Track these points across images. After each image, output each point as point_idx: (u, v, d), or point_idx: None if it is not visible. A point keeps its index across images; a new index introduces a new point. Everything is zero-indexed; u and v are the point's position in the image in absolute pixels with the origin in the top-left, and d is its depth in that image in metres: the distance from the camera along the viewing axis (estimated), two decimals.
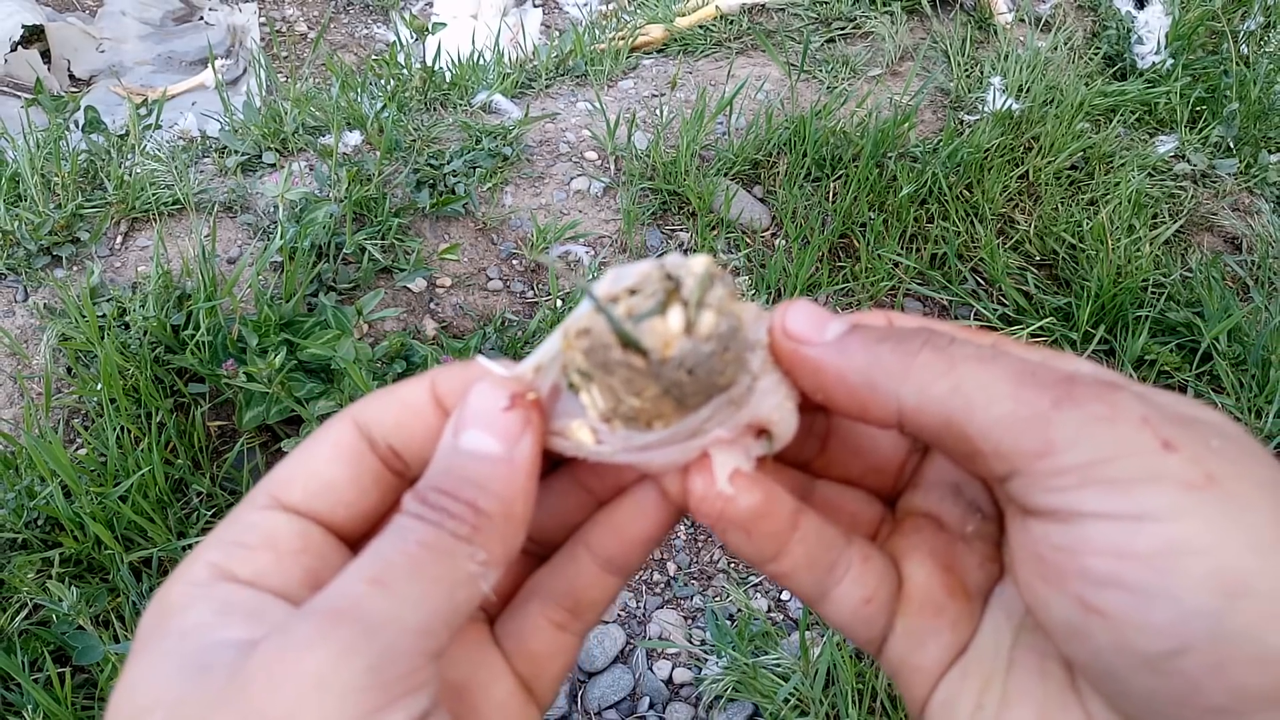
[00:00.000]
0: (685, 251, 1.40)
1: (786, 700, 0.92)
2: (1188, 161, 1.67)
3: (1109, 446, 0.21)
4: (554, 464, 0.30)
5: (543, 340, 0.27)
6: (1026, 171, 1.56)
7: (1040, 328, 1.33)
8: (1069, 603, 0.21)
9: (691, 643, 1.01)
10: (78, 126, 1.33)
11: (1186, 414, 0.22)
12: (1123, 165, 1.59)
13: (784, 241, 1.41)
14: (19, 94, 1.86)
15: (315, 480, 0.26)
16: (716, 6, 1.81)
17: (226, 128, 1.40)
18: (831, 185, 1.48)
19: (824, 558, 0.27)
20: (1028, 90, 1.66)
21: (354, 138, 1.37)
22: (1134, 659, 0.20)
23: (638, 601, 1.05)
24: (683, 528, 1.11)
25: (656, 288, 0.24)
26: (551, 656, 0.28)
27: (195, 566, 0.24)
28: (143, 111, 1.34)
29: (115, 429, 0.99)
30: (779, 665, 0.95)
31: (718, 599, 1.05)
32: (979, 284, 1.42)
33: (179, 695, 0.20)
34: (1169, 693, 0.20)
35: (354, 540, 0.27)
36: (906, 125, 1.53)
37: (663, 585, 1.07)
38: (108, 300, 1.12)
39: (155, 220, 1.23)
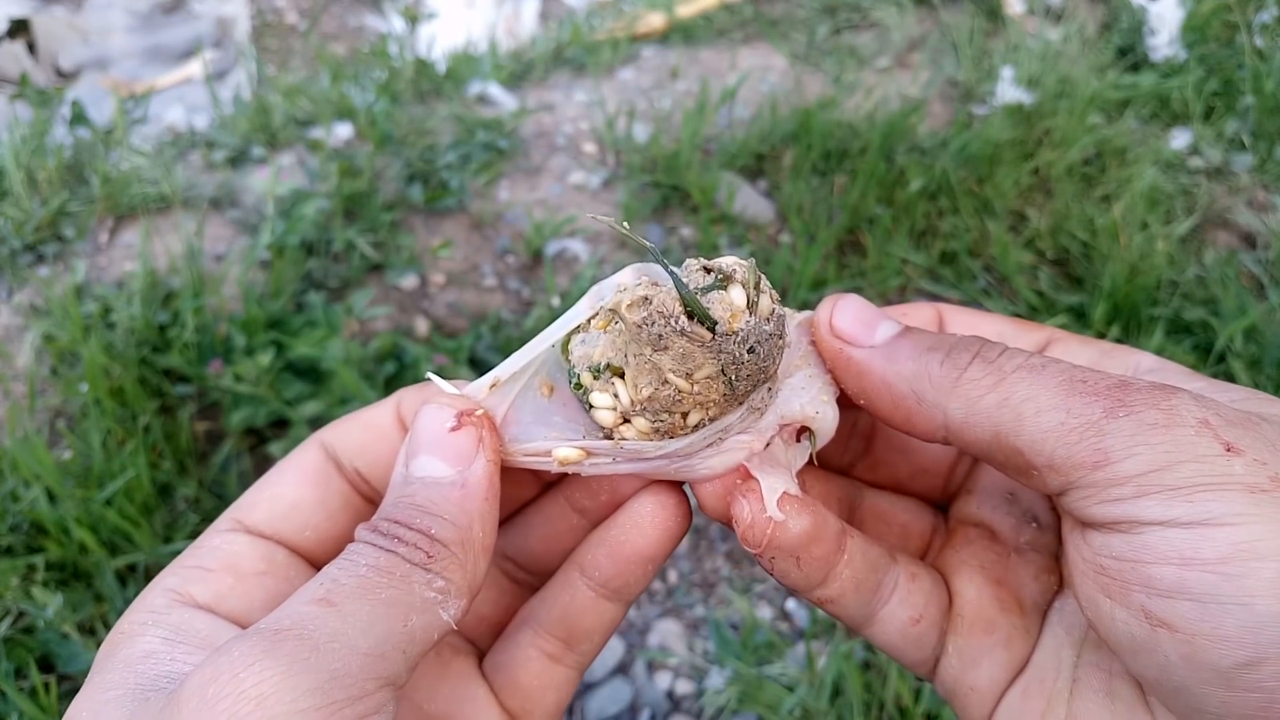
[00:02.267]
0: (686, 248, 1.37)
1: (792, 712, 0.89)
2: (1202, 156, 1.63)
3: (1167, 453, 0.20)
4: (546, 485, 0.29)
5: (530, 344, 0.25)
6: (1038, 166, 1.52)
7: (1054, 326, 1.29)
8: (1133, 616, 0.20)
9: (694, 653, 0.98)
10: (64, 120, 1.30)
11: (1254, 413, 0.21)
12: (1136, 160, 1.56)
13: (789, 237, 1.38)
14: (4, 87, 1.82)
15: (280, 502, 0.25)
16: None
17: (214, 121, 1.36)
18: (838, 179, 1.44)
19: (871, 579, 0.25)
20: (1039, 82, 1.62)
21: (344, 130, 1.34)
22: (1205, 673, 0.19)
23: (637, 610, 1.02)
24: None
25: (698, 277, 0.23)
26: (543, 690, 0.27)
27: (153, 594, 0.24)
28: (129, 105, 1.30)
29: (100, 431, 0.96)
30: (784, 676, 0.92)
31: (721, 608, 1.02)
32: (991, 281, 1.39)
33: None
34: (1244, 708, 0.19)
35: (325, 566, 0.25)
36: (915, 117, 1.49)
37: (663, 594, 1.04)
38: (93, 299, 1.10)
39: (142, 217, 1.20)
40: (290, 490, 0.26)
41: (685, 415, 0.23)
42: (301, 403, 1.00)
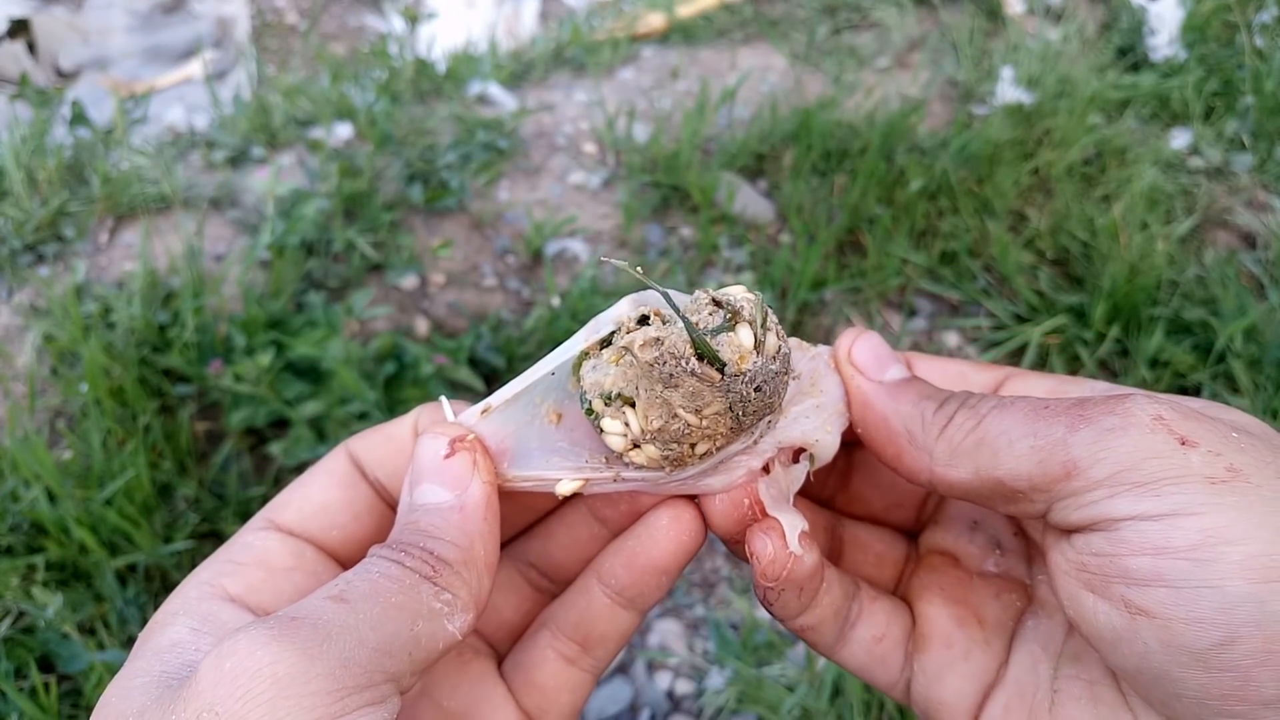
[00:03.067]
0: (686, 248, 1.37)
1: (792, 712, 0.89)
2: (1202, 156, 1.63)
3: (1129, 453, 0.21)
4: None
5: (533, 351, 0.26)
6: (1038, 166, 1.52)
7: (1054, 327, 1.29)
8: (1114, 607, 0.21)
9: (694, 653, 0.98)
10: (64, 120, 1.30)
11: (1206, 412, 0.22)
12: (1136, 160, 1.56)
13: (789, 237, 1.38)
14: (4, 87, 1.82)
15: (309, 503, 0.27)
16: None
17: (214, 121, 1.36)
18: (838, 179, 1.44)
19: (844, 606, 0.27)
20: (1039, 82, 1.62)
21: (345, 130, 1.34)
22: (1183, 656, 0.20)
23: None
24: None
25: (708, 310, 0.24)
26: (559, 690, 0.28)
27: (188, 586, 0.25)
28: (129, 105, 1.30)
29: (100, 431, 0.96)
30: (784, 676, 0.92)
31: (721, 608, 1.02)
32: (990, 282, 1.39)
33: (140, 707, 0.21)
34: (1220, 689, 0.20)
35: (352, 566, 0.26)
36: (915, 117, 1.49)
37: None
38: (93, 299, 1.10)
39: (142, 217, 1.20)
40: (319, 492, 0.27)
41: (693, 446, 0.24)
42: (301, 403, 1.00)
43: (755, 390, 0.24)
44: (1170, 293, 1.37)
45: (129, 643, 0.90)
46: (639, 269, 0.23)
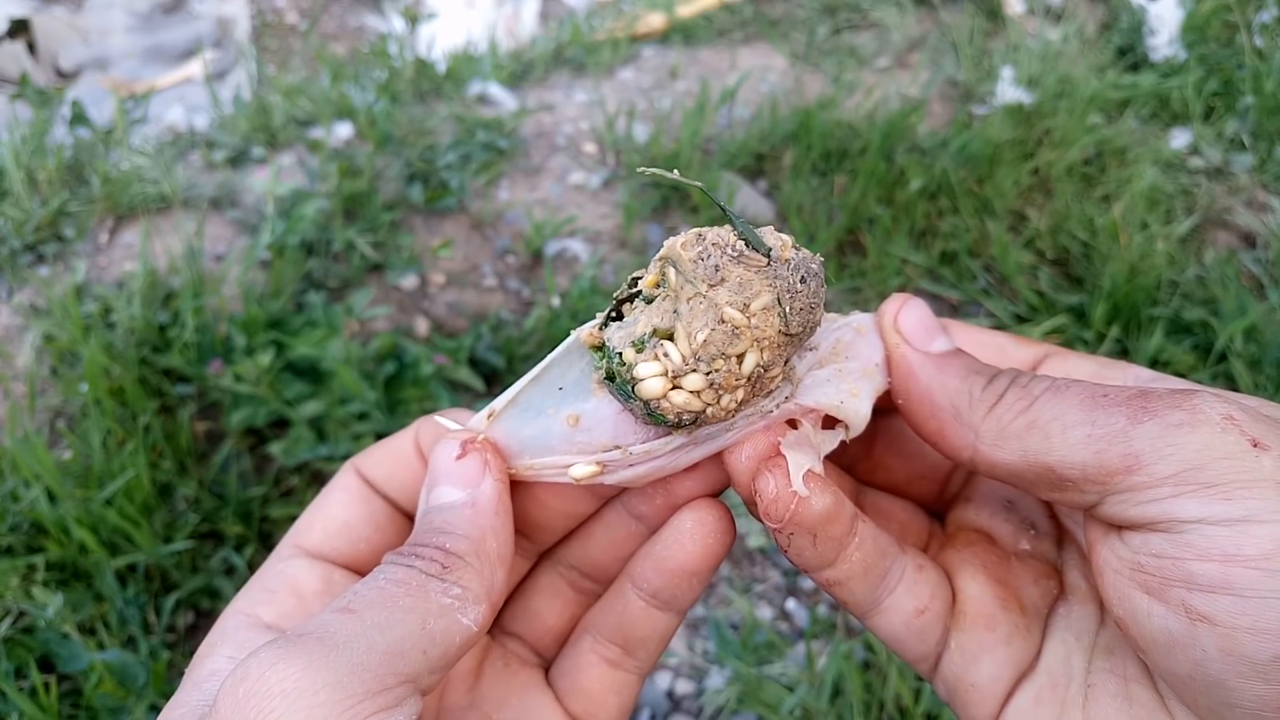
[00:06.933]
0: None
1: (792, 712, 0.89)
2: (1202, 156, 1.63)
3: (1198, 451, 0.20)
4: (606, 498, 0.30)
5: (532, 354, 0.26)
6: (1038, 166, 1.52)
7: (1054, 327, 1.29)
8: (1172, 611, 0.21)
9: (694, 653, 0.98)
10: (64, 120, 1.30)
11: (1265, 411, 0.22)
12: (1136, 160, 1.56)
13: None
14: (4, 87, 1.82)
15: (332, 522, 0.28)
16: None
17: (214, 121, 1.36)
18: (838, 179, 1.44)
19: (879, 564, 0.26)
20: (1039, 82, 1.62)
21: (345, 130, 1.34)
22: (1244, 666, 0.19)
23: None
24: None
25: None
26: (605, 693, 0.28)
27: (227, 616, 0.26)
28: (129, 105, 1.30)
29: (100, 431, 0.96)
30: (784, 676, 0.92)
31: (721, 608, 1.02)
32: (990, 282, 1.39)
33: None
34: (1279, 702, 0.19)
35: None
36: (915, 117, 1.49)
37: None
38: (93, 299, 1.10)
39: (142, 217, 1.20)
40: (339, 511, 0.28)
41: (740, 359, 0.23)
42: (301, 403, 1.00)
43: (801, 281, 0.23)
44: (1170, 293, 1.37)
45: (129, 643, 0.90)
46: (674, 171, 0.23)
